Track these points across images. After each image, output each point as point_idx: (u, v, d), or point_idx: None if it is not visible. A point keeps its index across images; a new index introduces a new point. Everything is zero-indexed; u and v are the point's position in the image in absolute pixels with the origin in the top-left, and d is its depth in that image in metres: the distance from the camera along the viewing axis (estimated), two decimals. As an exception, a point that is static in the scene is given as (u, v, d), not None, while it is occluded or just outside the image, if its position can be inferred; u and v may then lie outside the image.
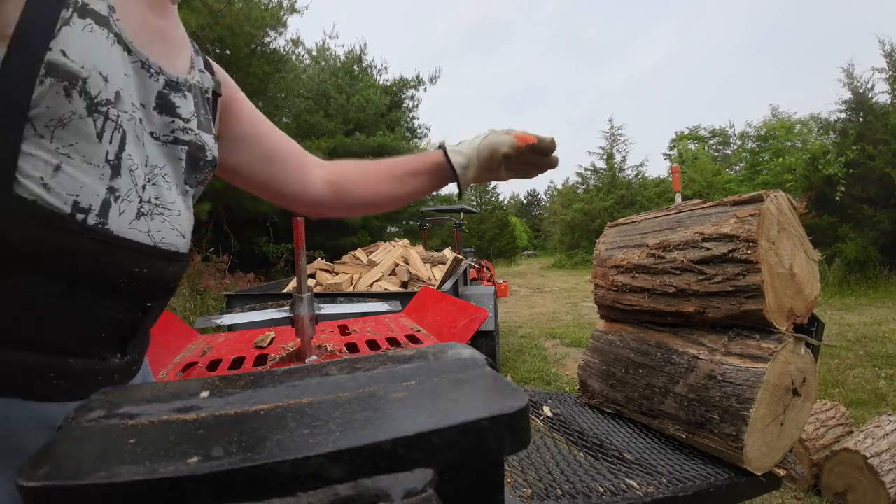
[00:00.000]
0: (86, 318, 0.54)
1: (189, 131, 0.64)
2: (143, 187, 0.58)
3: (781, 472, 0.99)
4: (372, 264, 3.92)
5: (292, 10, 8.65)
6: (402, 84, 15.76)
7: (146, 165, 0.59)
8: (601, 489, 0.88)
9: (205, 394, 0.31)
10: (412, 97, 16.15)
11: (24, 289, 0.50)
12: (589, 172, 21.69)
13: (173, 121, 0.62)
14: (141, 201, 0.57)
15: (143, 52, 0.59)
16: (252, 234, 9.99)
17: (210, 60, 0.77)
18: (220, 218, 8.91)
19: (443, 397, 0.29)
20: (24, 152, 0.49)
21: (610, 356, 1.42)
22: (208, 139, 0.69)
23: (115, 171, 0.54)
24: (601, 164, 21.17)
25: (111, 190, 0.54)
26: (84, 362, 0.55)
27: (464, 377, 0.32)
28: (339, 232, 11.81)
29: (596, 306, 1.56)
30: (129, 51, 0.57)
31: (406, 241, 4.75)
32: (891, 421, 2.30)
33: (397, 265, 3.86)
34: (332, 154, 11.48)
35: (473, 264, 6.80)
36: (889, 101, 8.59)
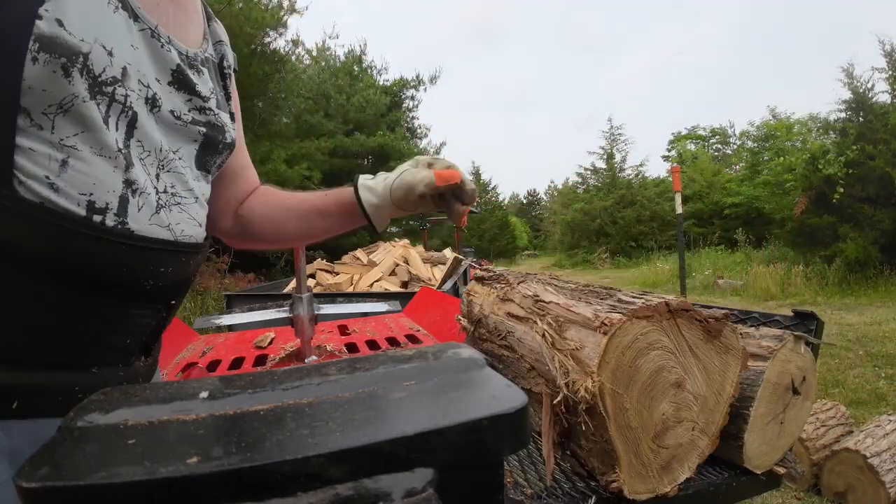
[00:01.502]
0: (112, 328, 0.49)
1: (208, 111, 0.57)
2: (157, 176, 0.51)
3: (781, 471, 0.99)
4: (372, 264, 3.92)
5: (292, 10, 8.66)
6: (402, 84, 15.76)
7: (160, 150, 0.51)
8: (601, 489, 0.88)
9: (204, 394, 0.31)
10: (412, 97, 16.16)
11: (41, 303, 0.43)
12: (589, 172, 21.71)
13: (191, 99, 0.55)
14: (157, 192, 0.51)
15: (152, 18, 0.51)
16: (252, 234, 10.00)
17: (221, 28, 0.67)
18: (220, 218, 8.91)
19: (442, 397, 0.29)
20: (22, 147, 0.41)
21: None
22: (226, 119, 0.61)
23: (128, 160, 0.47)
24: (601, 164, 21.19)
25: (128, 183, 0.47)
26: (111, 371, 0.51)
27: (464, 377, 0.32)
28: (339, 232, 11.80)
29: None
30: (135, 17, 0.49)
31: (406, 241, 4.75)
32: (891, 421, 2.30)
33: (397, 265, 3.86)
34: (332, 154, 11.50)
35: (473, 264, 6.81)
36: (889, 101, 8.59)
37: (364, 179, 0.74)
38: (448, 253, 4.61)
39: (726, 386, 0.76)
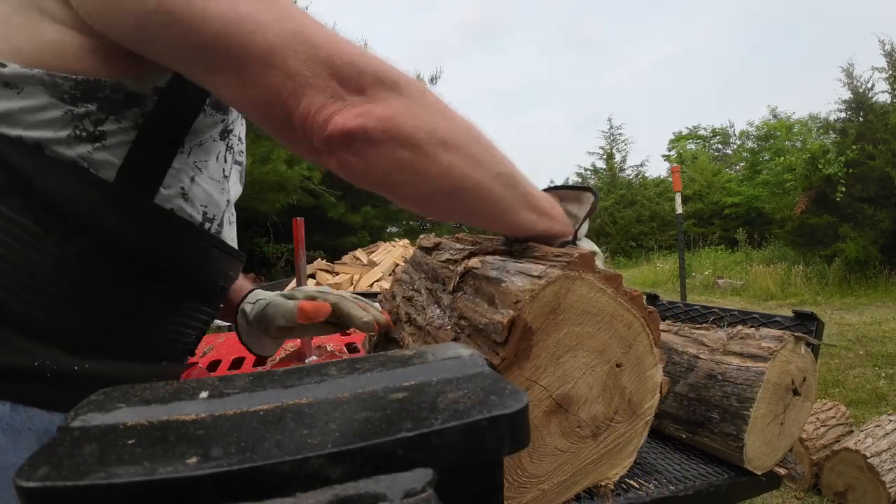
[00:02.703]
0: (191, 324, 0.58)
1: (243, 153, 0.68)
2: (228, 201, 0.62)
3: (782, 472, 0.99)
4: (372, 264, 3.93)
5: (292, 10, 8.64)
6: (402, 84, 15.75)
7: (233, 182, 0.64)
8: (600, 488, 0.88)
9: (204, 394, 0.31)
10: (412, 97, 16.14)
11: (144, 300, 0.50)
12: (589, 172, 21.71)
13: (242, 147, 0.66)
14: (230, 212, 0.63)
15: None
16: (252, 234, 10.00)
17: None
18: (220, 218, 8.91)
19: (442, 397, 0.29)
20: (171, 166, 0.50)
21: (610, 356, 1.42)
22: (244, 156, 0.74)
23: (226, 187, 0.59)
24: (601, 164, 21.19)
25: (227, 203, 0.59)
26: (174, 367, 0.58)
27: (463, 377, 0.32)
28: (339, 232, 11.81)
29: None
30: None
31: (406, 241, 4.75)
32: (891, 420, 2.30)
33: (397, 265, 3.86)
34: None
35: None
36: (889, 101, 8.59)
37: (250, 298, 0.77)
38: (448, 253, 4.60)
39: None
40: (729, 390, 1.06)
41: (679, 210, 5.46)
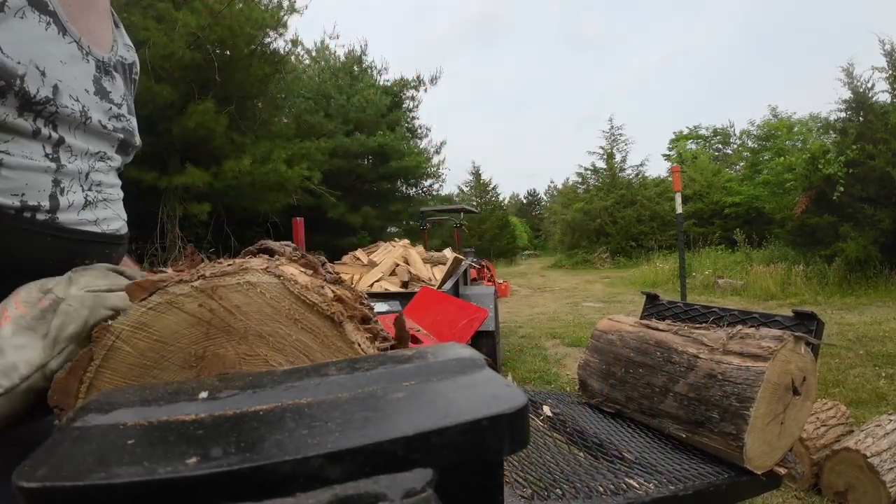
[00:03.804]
0: None
1: (122, 118, 0.63)
2: (87, 175, 0.56)
3: (782, 471, 0.99)
4: (372, 264, 3.93)
5: (292, 10, 8.65)
6: (403, 84, 15.76)
7: (87, 154, 0.57)
8: (601, 488, 0.88)
9: (203, 394, 0.31)
10: (412, 97, 16.16)
11: None
12: (589, 172, 21.69)
13: (110, 108, 0.60)
14: (84, 191, 0.56)
15: (76, 29, 0.55)
16: (252, 234, 9.99)
17: (126, 34, 0.70)
18: (220, 218, 8.91)
19: (442, 397, 0.29)
20: None
21: (610, 355, 1.42)
22: (135, 125, 0.67)
23: (58, 164, 0.52)
24: (601, 164, 21.18)
25: (56, 183, 0.52)
26: None
27: (463, 377, 0.32)
28: (339, 232, 11.81)
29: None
30: (64, 31, 0.52)
31: (406, 241, 4.75)
32: (891, 420, 2.30)
33: (397, 265, 3.86)
34: (332, 154, 11.49)
35: (474, 264, 6.80)
36: (889, 101, 8.59)
37: None
38: (448, 253, 4.61)
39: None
40: (729, 390, 1.06)
41: (679, 210, 5.45)
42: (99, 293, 0.42)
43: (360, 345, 0.43)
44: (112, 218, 0.61)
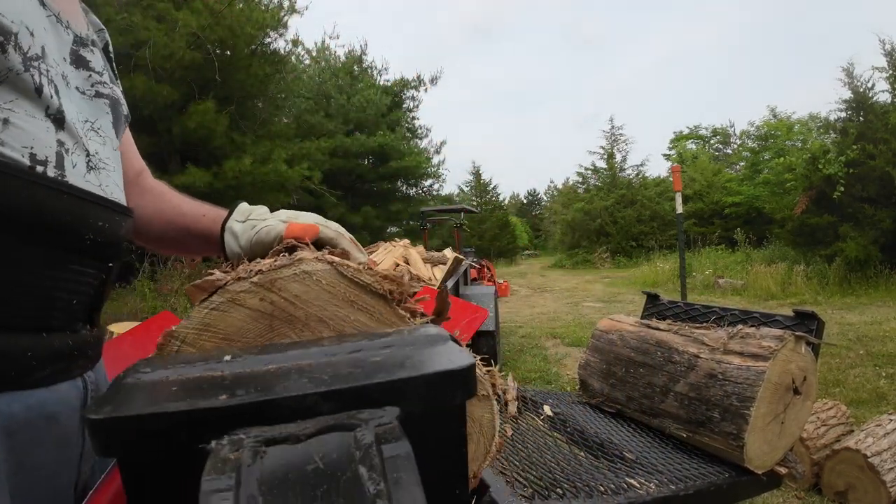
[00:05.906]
0: (57, 283, 0.51)
1: (105, 85, 0.63)
2: (83, 142, 0.56)
3: (782, 471, 0.99)
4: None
5: (292, 10, 8.66)
6: (403, 84, 15.77)
7: (84, 120, 0.57)
8: (602, 488, 0.88)
9: (227, 357, 0.38)
10: (413, 97, 16.16)
11: None
12: (589, 172, 21.71)
13: (90, 75, 0.61)
14: (87, 155, 0.56)
15: (55, 6, 0.57)
16: (252, 234, 9.99)
17: (97, 19, 0.72)
18: (220, 218, 8.91)
19: (410, 359, 0.36)
20: None
21: (610, 355, 1.42)
22: (120, 93, 0.67)
23: (59, 124, 0.53)
24: (601, 164, 21.19)
25: (60, 143, 0.52)
26: (59, 337, 0.52)
27: (430, 347, 0.38)
28: (340, 232, 11.80)
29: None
30: (43, 4, 0.55)
31: (406, 241, 4.75)
32: (891, 420, 2.30)
33: (398, 265, 3.86)
34: (333, 154, 11.51)
35: (474, 264, 6.80)
36: (889, 101, 8.59)
37: (233, 223, 0.69)
38: (448, 253, 4.61)
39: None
40: (729, 389, 1.06)
41: (679, 210, 5.45)
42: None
43: (409, 319, 0.47)
44: (114, 187, 0.60)
